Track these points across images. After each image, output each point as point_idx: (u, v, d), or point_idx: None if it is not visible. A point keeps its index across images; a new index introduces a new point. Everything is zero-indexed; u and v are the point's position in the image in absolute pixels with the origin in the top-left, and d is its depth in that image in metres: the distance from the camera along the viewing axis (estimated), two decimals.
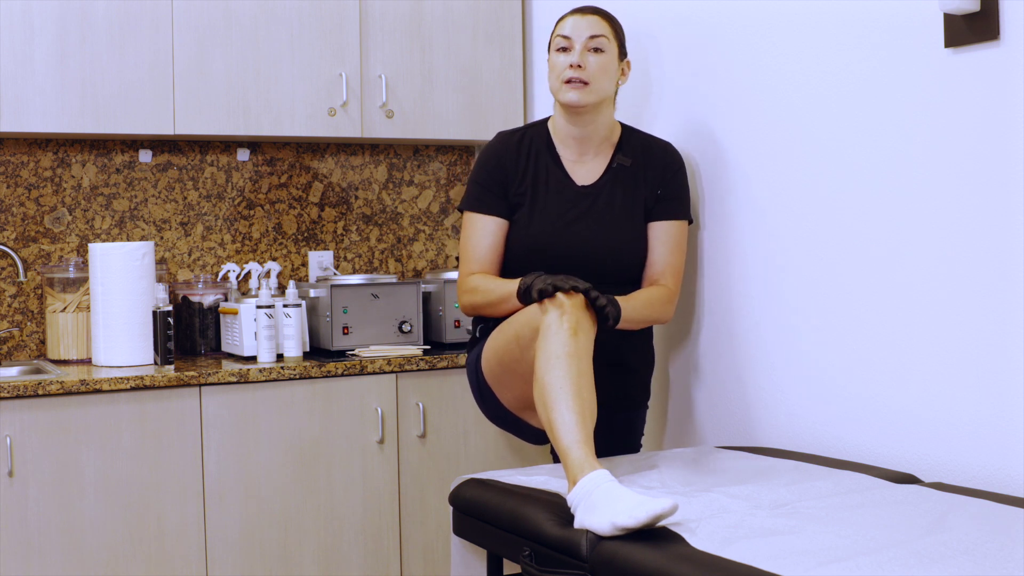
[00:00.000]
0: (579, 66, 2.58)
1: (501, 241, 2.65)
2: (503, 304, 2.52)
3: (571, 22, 2.63)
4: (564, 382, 2.17)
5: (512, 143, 2.68)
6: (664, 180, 2.68)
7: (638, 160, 2.68)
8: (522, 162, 2.66)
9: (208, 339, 3.30)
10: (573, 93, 2.59)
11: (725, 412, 2.79)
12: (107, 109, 3.03)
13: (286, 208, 3.53)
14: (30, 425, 2.71)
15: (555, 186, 2.64)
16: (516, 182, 2.65)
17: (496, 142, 2.71)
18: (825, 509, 1.98)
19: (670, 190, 2.68)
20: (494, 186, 2.65)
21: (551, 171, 2.65)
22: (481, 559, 2.42)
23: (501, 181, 2.65)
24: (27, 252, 3.23)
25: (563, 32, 2.62)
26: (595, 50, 2.60)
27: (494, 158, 2.67)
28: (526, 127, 2.75)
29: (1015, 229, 2.08)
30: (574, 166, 2.67)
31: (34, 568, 2.70)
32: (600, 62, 2.60)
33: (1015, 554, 1.67)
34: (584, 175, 2.67)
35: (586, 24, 2.62)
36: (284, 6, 3.21)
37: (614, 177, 2.66)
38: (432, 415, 3.11)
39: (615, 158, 2.68)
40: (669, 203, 2.67)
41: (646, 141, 2.73)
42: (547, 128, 2.71)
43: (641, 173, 2.67)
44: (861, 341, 2.41)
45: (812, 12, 2.50)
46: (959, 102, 2.18)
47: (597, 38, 2.61)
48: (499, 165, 2.66)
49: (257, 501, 2.92)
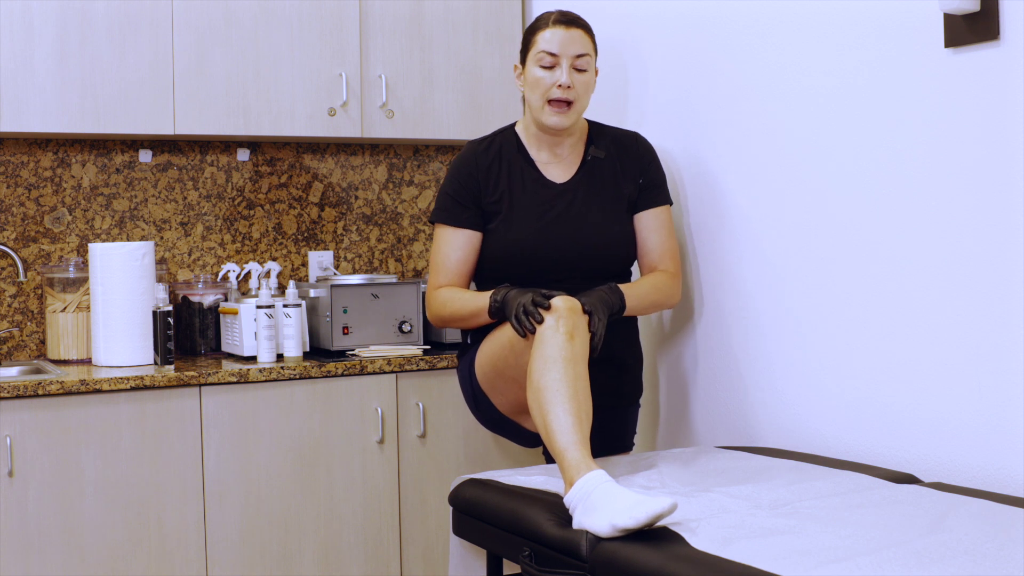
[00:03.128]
0: (568, 87, 2.55)
1: (472, 254, 2.64)
2: (474, 319, 2.53)
3: (557, 38, 2.57)
4: (561, 385, 2.17)
5: (481, 151, 2.66)
6: (643, 169, 2.70)
7: (611, 153, 2.68)
8: (494, 169, 2.64)
9: (208, 339, 3.30)
10: (557, 117, 2.58)
11: (724, 412, 2.79)
12: (107, 109, 3.03)
13: (286, 208, 3.53)
14: (30, 425, 2.71)
15: (531, 187, 2.64)
16: (490, 190, 2.63)
17: (466, 152, 2.68)
18: (825, 509, 1.98)
19: (650, 178, 2.70)
20: (466, 197, 2.63)
21: (525, 173, 2.64)
22: (481, 559, 2.42)
23: (473, 192, 2.63)
24: (27, 252, 3.24)
25: (548, 48, 2.57)
26: (580, 70, 2.58)
27: (465, 168, 2.65)
28: (494, 134, 2.72)
29: (1015, 229, 2.08)
30: (548, 166, 2.66)
31: (34, 568, 2.70)
32: (584, 80, 2.60)
33: (1015, 554, 1.67)
34: (559, 173, 2.66)
35: (571, 40, 2.57)
36: (284, 6, 3.21)
37: (590, 172, 2.66)
38: (432, 415, 3.11)
39: (588, 151, 2.67)
40: (652, 191, 2.70)
41: (614, 133, 2.74)
42: (515, 132, 2.70)
43: (618, 165, 2.68)
44: (861, 341, 2.41)
45: (812, 12, 2.50)
46: (959, 102, 2.18)
47: (583, 57, 2.58)
48: (471, 175, 2.64)
49: (257, 501, 2.92)
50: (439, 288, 2.63)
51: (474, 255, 2.65)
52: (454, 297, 2.58)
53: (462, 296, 2.57)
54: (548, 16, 2.61)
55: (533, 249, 2.59)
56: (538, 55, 2.58)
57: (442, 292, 2.61)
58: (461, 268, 2.63)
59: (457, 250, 2.63)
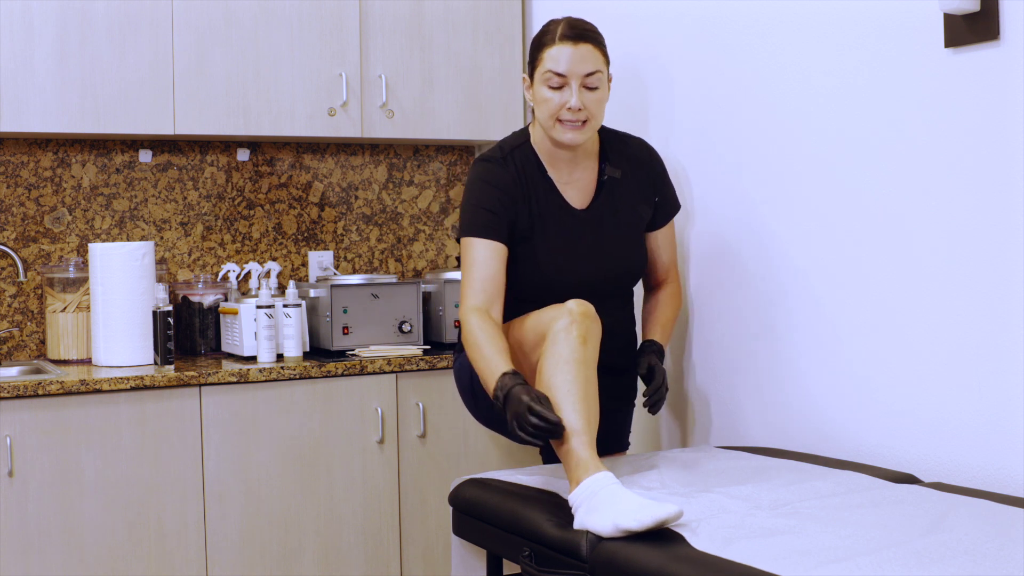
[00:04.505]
0: (579, 109, 2.44)
1: (504, 269, 2.51)
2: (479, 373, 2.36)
3: (565, 57, 2.43)
4: (572, 385, 2.18)
5: (510, 171, 2.53)
6: (658, 188, 2.67)
7: (626, 171, 2.61)
8: (520, 191, 2.53)
9: (208, 339, 3.30)
10: (571, 134, 2.47)
11: (724, 412, 2.79)
12: (107, 109, 3.03)
13: (286, 208, 3.53)
14: (30, 425, 2.71)
15: (556, 214, 2.55)
16: (523, 213, 2.53)
17: (492, 169, 2.54)
18: (825, 509, 1.98)
19: (665, 196, 2.69)
20: (501, 212, 2.50)
21: (549, 198, 2.55)
22: (481, 559, 2.42)
23: (509, 209, 2.51)
24: (27, 252, 3.23)
25: (556, 68, 2.43)
26: (591, 88, 2.45)
27: (498, 183, 2.52)
28: (510, 149, 2.57)
29: (1015, 229, 2.08)
30: (566, 187, 2.58)
31: (34, 568, 2.70)
32: (597, 97, 2.47)
33: (1015, 554, 1.67)
34: (576, 195, 2.58)
35: (580, 58, 2.43)
36: (284, 6, 3.21)
37: (609, 194, 2.59)
38: (432, 415, 3.11)
39: (603, 170, 2.59)
40: (665, 207, 2.70)
41: (625, 145, 2.65)
42: (532, 148, 2.57)
43: (634, 185, 2.62)
44: (861, 341, 2.41)
45: (812, 12, 2.50)
46: (959, 102, 2.18)
47: (593, 75, 2.45)
48: (505, 192, 2.51)
49: (257, 501, 2.92)
50: (475, 311, 2.42)
51: (505, 270, 2.51)
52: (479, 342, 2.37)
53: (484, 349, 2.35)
54: (555, 29, 2.47)
55: (555, 276, 2.53)
56: (545, 75, 2.45)
57: (473, 323, 2.39)
58: (498, 284, 2.47)
59: (492, 264, 2.47)
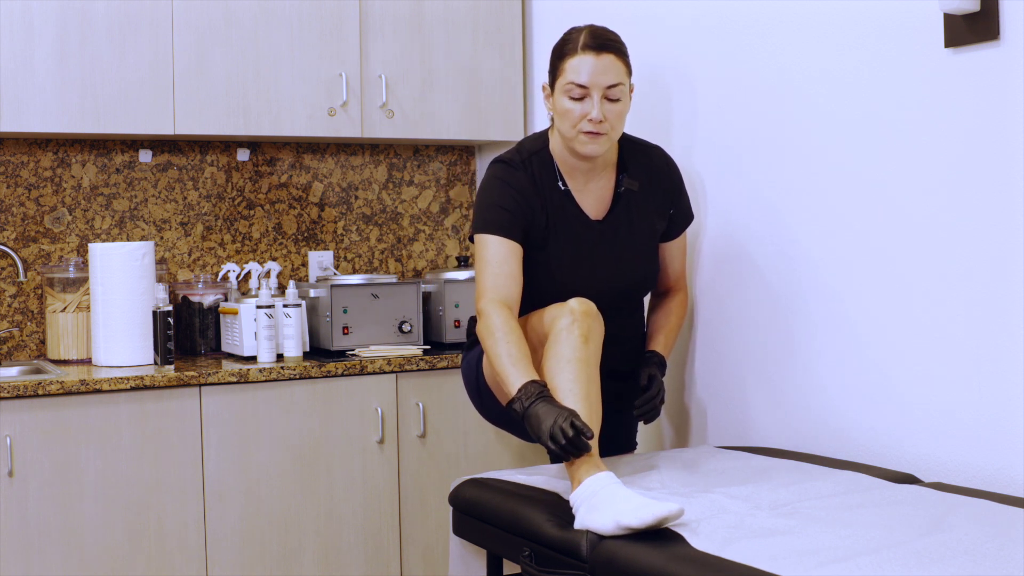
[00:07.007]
0: (601, 120, 2.40)
1: (521, 268, 2.47)
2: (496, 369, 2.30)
3: (587, 67, 2.39)
4: (574, 385, 2.18)
5: (528, 176, 2.50)
6: (673, 200, 2.64)
7: (643, 184, 2.58)
8: (537, 197, 2.50)
9: (208, 339, 3.30)
10: (592, 146, 2.43)
11: (724, 412, 2.79)
12: (107, 109, 3.03)
13: (286, 208, 3.53)
14: (30, 425, 2.71)
15: (571, 224, 2.52)
16: (538, 220, 2.50)
17: (509, 172, 2.50)
18: (825, 509, 1.98)
19: (679, 208, 2.66)
20: (518, 212, 2.47)
21: (565, 207, 2.52)
22: (481, 559, 2.42)
23: (525, 211, 2.48)
24: (27, 252, 3.23)
25: (577, 79, 2.39)
26: (613, 100, 2.41)
27: (514, 185, 2.49)
28: (529, 155, 2.53)
29: (1015, 229, 2.08)
30: (582, 195, 2.54)
31: (34, 568, 2.70)
32: (619, 109, 2.43)
33: (1015, 554, 1.67)
34: (593, 204, 2.55)
35: (603, 69, 2.39)
36: (284, 6, 3.21)
37: (625, 206, 2.56)
38: (432, 415, 3.11)
39: (621, 181, 2.56)
40: (679, 219, 2.68)
41: (642, 156, 2.61)
42: (551, 155, 2.53)
43: (650, 197, 2.59)
44: (860, 341, 2.41)
45: (812, 12, 2.50)
46: (959, 102, 2.18)
47: (616, 87, 2.40)
48: (521, 194, 2.48)
49: (257, 501, 2.92)
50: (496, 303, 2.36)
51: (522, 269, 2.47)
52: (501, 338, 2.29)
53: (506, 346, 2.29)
54: (577, 38, 2.43)
55: (568, 285, 2.49)
56: (567, 86, 2.41)
57: (493, 316, 2.34)
58: (517, 281, 2.43)
59: (512, 263, 2.42)
